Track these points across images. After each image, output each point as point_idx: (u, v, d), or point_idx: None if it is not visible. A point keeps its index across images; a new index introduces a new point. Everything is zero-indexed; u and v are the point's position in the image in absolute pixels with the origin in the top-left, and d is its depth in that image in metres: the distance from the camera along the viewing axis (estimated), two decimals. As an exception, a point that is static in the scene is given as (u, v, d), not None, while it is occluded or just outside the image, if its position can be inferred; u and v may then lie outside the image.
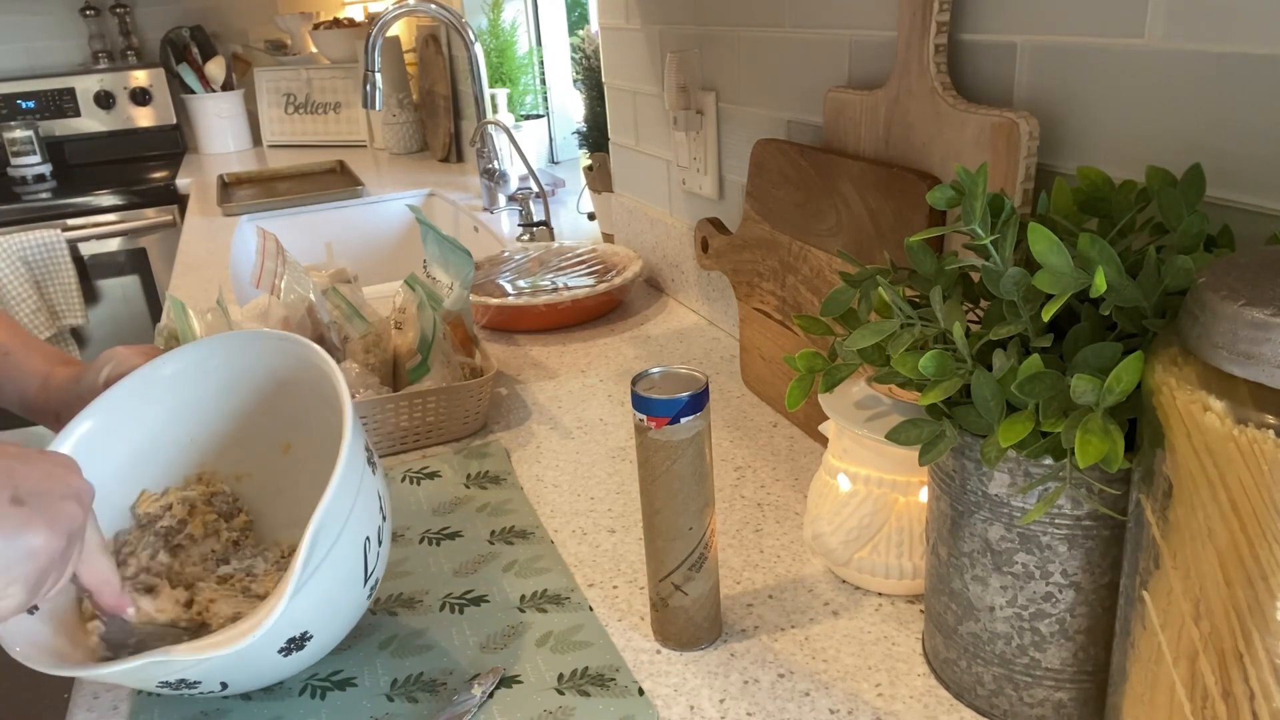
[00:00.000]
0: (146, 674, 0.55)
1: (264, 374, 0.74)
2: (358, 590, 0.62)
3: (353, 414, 0.61)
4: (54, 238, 2.47)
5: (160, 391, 0.73)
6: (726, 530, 0.81)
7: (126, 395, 0.71)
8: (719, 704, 0.62)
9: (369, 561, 0.62)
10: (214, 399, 0.74)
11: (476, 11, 2.21)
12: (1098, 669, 0.55)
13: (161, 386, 0.73)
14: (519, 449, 0.97)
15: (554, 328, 1.29)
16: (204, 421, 0.75)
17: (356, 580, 0.61)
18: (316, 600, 0.58)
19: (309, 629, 0.59)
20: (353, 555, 0.60)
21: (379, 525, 0.64)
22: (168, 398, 0.73)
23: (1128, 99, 0.62)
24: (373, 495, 0.63)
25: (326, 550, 0.58)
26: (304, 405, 0.73)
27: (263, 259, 0.99)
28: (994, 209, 0.52)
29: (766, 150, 0.96)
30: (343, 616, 0.62)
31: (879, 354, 0.58)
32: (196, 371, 0.73)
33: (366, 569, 0.62)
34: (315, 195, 2.20)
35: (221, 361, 0.73)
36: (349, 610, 0.63)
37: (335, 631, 0.63)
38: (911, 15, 0.75)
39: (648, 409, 0.60)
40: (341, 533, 0.59)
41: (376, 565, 0.64)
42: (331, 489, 0.57)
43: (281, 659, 0.59)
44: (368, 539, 0.62)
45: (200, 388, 0.74)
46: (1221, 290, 0.39)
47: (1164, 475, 0.43)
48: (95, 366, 0.75)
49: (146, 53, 3.16)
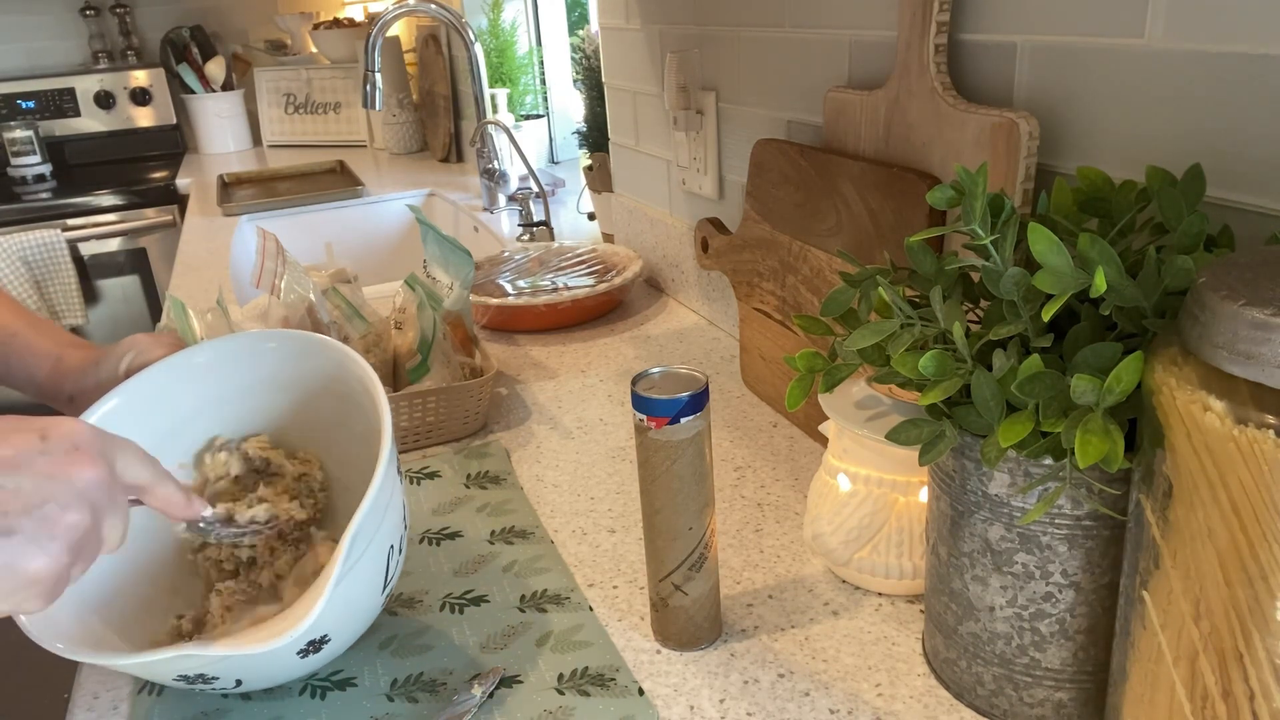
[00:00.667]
0: (172, 667, 0.56)
1: (296, 375, 0.73)
2: (376, 596, 0.63)
3: (390, 425, 0.62)
4: (54, 238, 2.47)
5: (190, 380, 0.72)
6: (726, 530, 0.81)
7: (152, 383, 0.71)
8: (719, 704, 0.62)
9: (390, 568, 0.63)
10: (241, 394, 0.74)
11: (476, 11, 2.21)
12: (1098, 669, 0.55)
13: (192, 374, 0.72)
14: (519, 449, 0.97)
15: (554, 328, 1.29)
16: (232, 416, 0.74)
17: (377, 586, 0.62)
18: (340, 605, 0.59)
19: (329, 632, 0.60)
20: (378, 562, 0.61)
21: (402, 534, 0.65)
22: (197, 387, 0.72)
23: (1128, 99, 0.62)
24: (400, 504, 0.64)
25: (357, 557, 0.58)
26: (331, 410, 0.73)
27: (263, 259, 0.99)
28: (994, 209, 0.52)
29: (766, 150, 0.96)
30: (360, 620, 0.63)
31: (879, 354, 0.58)
32: (229, 364, 0.73)
33: (387, 576, 0.63)
34: (315, 195, 2.20)
35: (251, 358, 0.73)
36: (366, 614, 0.63)
37: (352, 634, 0.64)
38: (911, 15, 0.75)
39: (648, 409, 0.60)
40: (372, 541, 0.60)
41: (395, 573, 0.64)
42: (369, 499, 0.58)
43: (299, 660, 0.60)
44: (392, 547, 0.63)
45: (230, 382, 0.73)
46: (1221, 290, 0.39)
47: (1164, 475, 0.43)
48: (115, 353, 0.74)
49: (146, 53, 3.16)
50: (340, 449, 0.73)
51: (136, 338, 0.75)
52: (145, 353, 0.73)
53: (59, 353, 0.77)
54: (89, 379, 0.74)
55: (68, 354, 0.77)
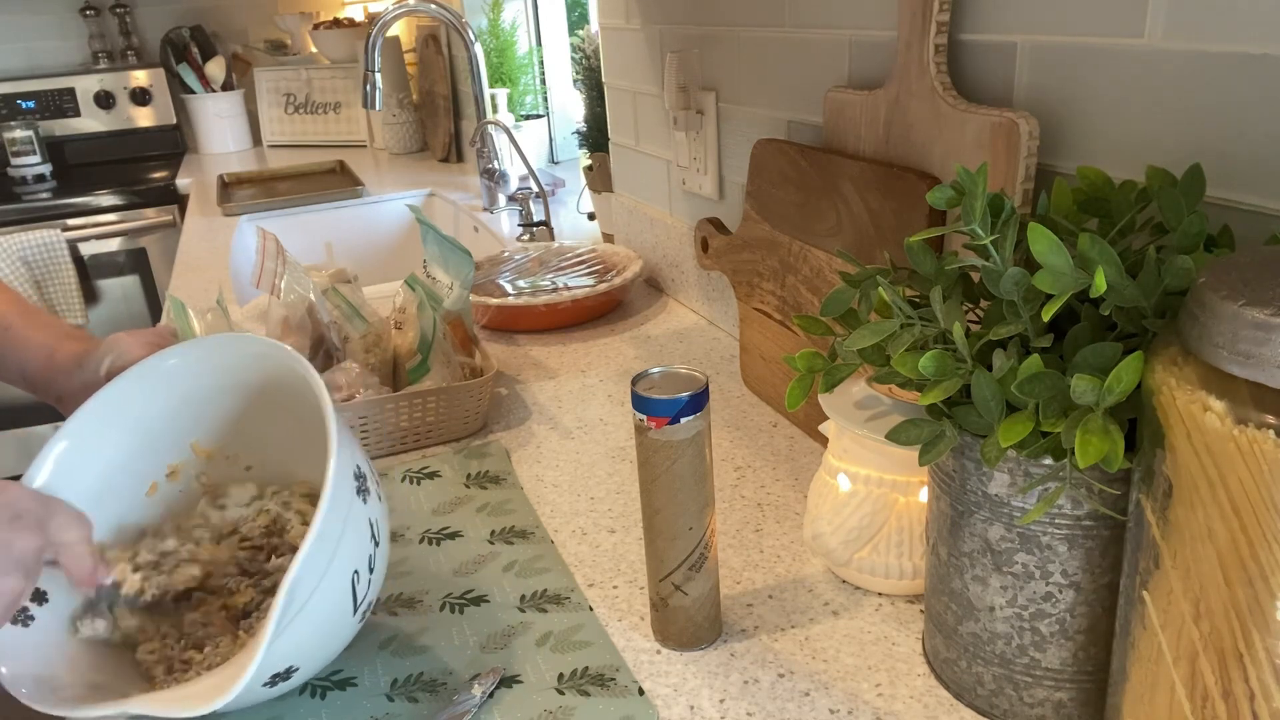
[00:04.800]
0: None
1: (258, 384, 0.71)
2: (347, 621, 0.61)
3: (337, 458, 0.58)
4: (54, 238, 2.47)
5: (163, 386, 0.71)
6: (726, 530, 0.81)
7: (125, 391, 0.70)
8: (719, 704, 0.62)
9: (358, 592, 0.61)
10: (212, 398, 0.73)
11: (476, 11, 2.21)
12: (1098, 669, 0.55)
13: (164, 380, 0.71)
14: (519, 449, 0.97)
15: (554, 328, 1.29)
16: (201, 424, 0.73)
17: (345, 612, 0.60)
18: (301, 638, 0.57)
19: (294, 663, 0.58)
20: (339, 591, 0.59)
21: (370, 554, 0.62)
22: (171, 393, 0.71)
23: (1128, 99, 0.62)
24: (362, 527, 0.61)
25: (308, 595, 0.56)
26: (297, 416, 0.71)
27: (263, 259, 0.99)
28: (994, 209, 0.52)
29: (766, 150, 0.96)
30: (330, 647, 0.61)
31: (879, 354, 0.58)
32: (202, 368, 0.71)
33: (356, 600, 0.61)
34: (315, 195, 2.20)
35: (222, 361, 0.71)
36: (337, 640, 0.62)
37: (323, 660, 0.62)
38: (911, 15, 0.75)
39: (648, 409, 0.60)
40: (325, 576, 0.57)
41: (368, 592, 0.62)
42: (305, 548, 0.55)
43: (268, 690, 0.58)
44: (356, 572, 0.60)
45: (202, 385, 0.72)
46: (1221, 290, 0.39)
47: (1164, 475, 0.43)
48: (97, 354, 0.73)
49: (146, 53, 3.16)
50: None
51: (118, 337, 0.74)
52: (125, 354, 0.72)
53: (53, 346, 0.76)
54: (75, 380, 0.73)
55: (62, 347, 0.76)
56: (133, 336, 0.75)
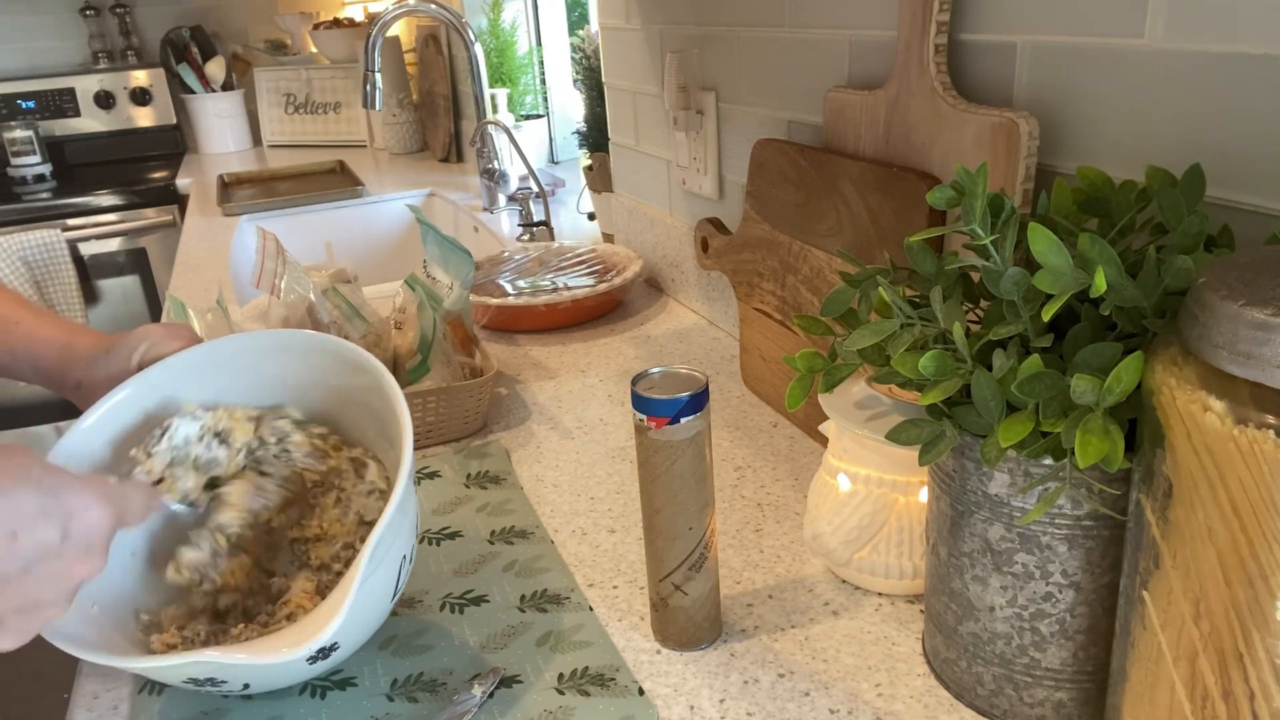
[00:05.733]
0: (183, 671, 0.56)
1: (315, 380, 0.73)
2: (385, 604, 0.64)
3: (411, 435, 0.62)
4: (54, 238, 2.47)
5: (204, 378, 0.71)
6: (726, 530, 0.81)
7: (165, 378, 0.70)
8: (719, 704, 0.62)
9: (400, 577, 0.64)
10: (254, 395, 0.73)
11: (476, 11, 2.21)
12: (1098, 669, 0.55)
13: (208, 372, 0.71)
14: (519, 449, 0.97)
15: (554, 328, 1.29)
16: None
17: (387, 595, 0.63)
18: (352, 614, 0.58)
19: (339, 639, 0.60)
20: (390, 571, 0.61)
21: (413, 544, 0.65)
22: (210, 386, 0.71)
23: (1128, 99, 0.62)
24: (414, 513, 0.65)
25: (375, 567, 0.58)
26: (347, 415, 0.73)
27: (263, 259, 0.99)
28: (994, 209, 0.52)
29: (766, 150, 0.96)
30: (368, 627, 0.63)
31: (879, 354, 0.58)
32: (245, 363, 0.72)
33: (397, 585, 0.63)
34: (315, 195, 2.20)
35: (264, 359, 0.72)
36: (374, 622, 0.64)
37: (359, 641, 0.64)
38: (911, 15, 0.75)
39: (648, 409, 0.60)
40: (389, 552, 0.60)
41: (404, 580, 0.65)
42: (389, 511, 0.58)
43: (308, 666, 0.60)
44: (404, 557, 0.63)
45: (243, 381, 0.72)
46: (1221, 290, 0.39)
47: (1164, 475, 0.43)
48: (127, 344, 0.72)
49: (146, 53, 3.16)
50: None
51: (150, 328, 0.73)
52: (159, 346, 0.72)
53: (67, 338, 0.75)
54: (99, 370, 0.72)
55: (77, 340, 0.75)
56: (165, 329, 0.74)
